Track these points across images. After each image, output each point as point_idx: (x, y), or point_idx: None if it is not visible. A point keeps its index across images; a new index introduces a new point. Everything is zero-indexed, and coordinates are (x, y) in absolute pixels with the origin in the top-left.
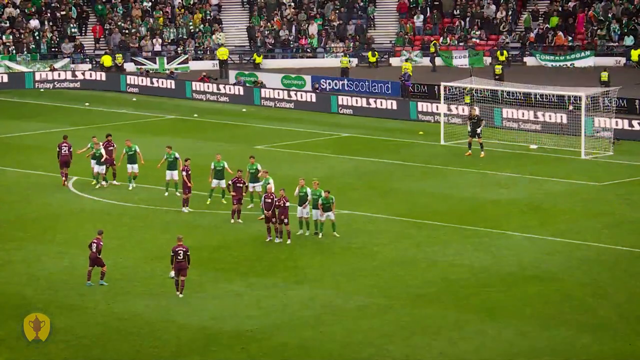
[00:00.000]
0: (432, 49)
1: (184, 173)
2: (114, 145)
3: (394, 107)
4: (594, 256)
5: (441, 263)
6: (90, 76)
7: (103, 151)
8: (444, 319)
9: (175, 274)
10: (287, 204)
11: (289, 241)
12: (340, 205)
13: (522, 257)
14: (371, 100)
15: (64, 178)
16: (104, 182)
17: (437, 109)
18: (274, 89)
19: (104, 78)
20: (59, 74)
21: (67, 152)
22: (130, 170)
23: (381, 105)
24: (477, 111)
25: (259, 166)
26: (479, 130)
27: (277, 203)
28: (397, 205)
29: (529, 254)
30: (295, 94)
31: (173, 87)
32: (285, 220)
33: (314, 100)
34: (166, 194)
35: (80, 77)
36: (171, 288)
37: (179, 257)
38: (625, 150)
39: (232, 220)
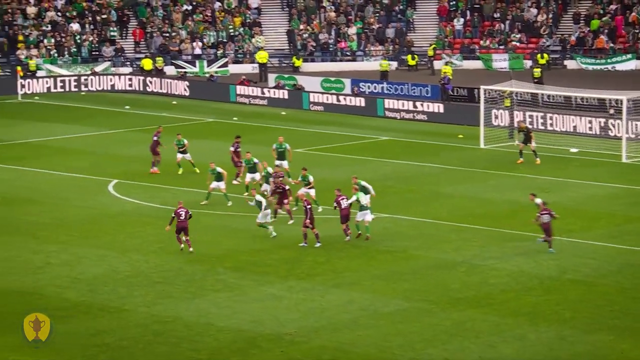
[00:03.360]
0: (431, 53)
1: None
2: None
3: (435, 110)
4: (636, 261)
5: (481, 267)
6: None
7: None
8: (484, 323)
9: (179, 233)
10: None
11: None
12: (379, 208)
13: (562, 261)
14: (410, 103)
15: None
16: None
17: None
18: (312, 92)
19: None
20: (100, 77)
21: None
22: (250, 179)
23: (421, 107)
24: (526, 123)
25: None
26: (533, 144)
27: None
28: (437, 209)
29: (569, 258)
30: (335, 97)
31: (214, 90)
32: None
33: (354, 103)
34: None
35: (121, 80)
36: (211, 291)
37: (180, 218)
38: None
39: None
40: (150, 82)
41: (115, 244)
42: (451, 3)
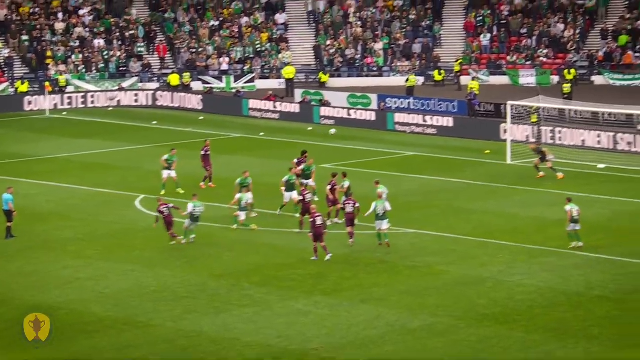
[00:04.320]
0: (457, 68)
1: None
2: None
3: (458, 124)
4: None
5: (507, 283)
6: (159, 96)
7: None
8: (511, 339)
9: (169, 230)
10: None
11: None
12: (405, 223)
13: (590, 277)
14: (434, 119)
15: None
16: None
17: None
18: (334, 107)
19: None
20: (127, 92)
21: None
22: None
23: (445, 123)
24: (539, 145)
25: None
26: (549, 159)
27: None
28: (463, 225)
29: (597, 274)
30: (346, 112)
31: (234, 104)
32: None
33: (374, 118)
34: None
35: (147, 96)
36: (237, 306)
37: (164, 214)
38: None
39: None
40: (161, 97)
41: (141, 259)
42: (478, 18)
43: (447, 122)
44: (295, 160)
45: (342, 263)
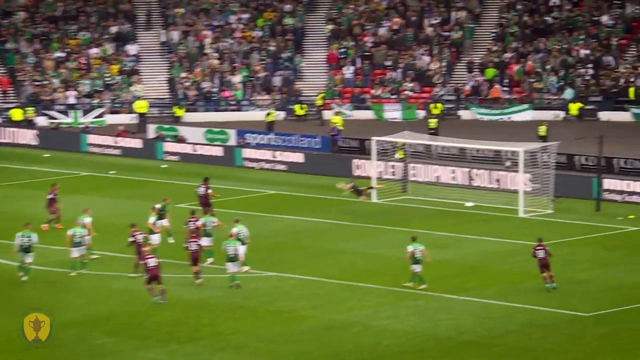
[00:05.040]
0: (320, 102)
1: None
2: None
3: (309, 161)
4: (535, 320)
5: (374, 327)
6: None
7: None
8: None
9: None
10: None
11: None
12: (268, 266)
13: (459, 321)
14: (284, 154)
15: None
16: None
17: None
18: (179, 142)
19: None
20: None
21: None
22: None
23: (296, 159)
24: (350, 186)
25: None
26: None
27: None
28: (328, 267)
29: (466, 318)
30: (191, 147)
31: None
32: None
33: (221, 154)
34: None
35: None
36: (86, 357)
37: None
38: (566, 208)
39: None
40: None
41: None
42: (341, 50)
43: (298, 158)
44: (158, 205)
45: (200, 308)
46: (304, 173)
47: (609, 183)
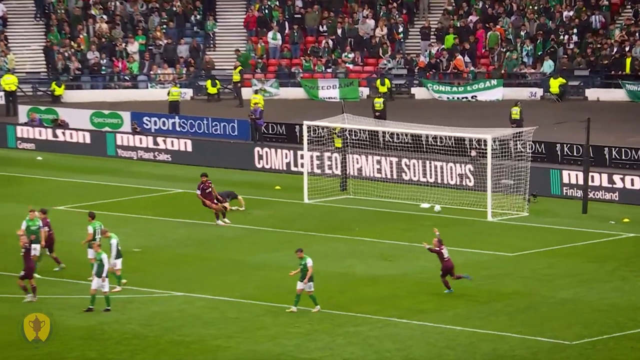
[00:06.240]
0: (237, 78)
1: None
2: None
3: (197, 150)
4: (506, 350)
5: None
6: None
7: None
8: None
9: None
10: None
11: None
12: (172, 284)
13: (411, 351)
14: (168, 142)
15: None
16: None
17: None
18: (36, 127)
19: None
20: None
21: None
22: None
23: (182, 147)
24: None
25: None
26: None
27: None
28: (246, 284)
29: (420, 347)
30: (67, 134)
31: None
32: None
33: (88, 141)
34: None
35: None
36: None
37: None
38: (544, 209)
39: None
40: None
41: None
42: (264, 12)
43: (184, 145)
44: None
45: (86, 338)
46: (189, 164)
47: (597, 178)
